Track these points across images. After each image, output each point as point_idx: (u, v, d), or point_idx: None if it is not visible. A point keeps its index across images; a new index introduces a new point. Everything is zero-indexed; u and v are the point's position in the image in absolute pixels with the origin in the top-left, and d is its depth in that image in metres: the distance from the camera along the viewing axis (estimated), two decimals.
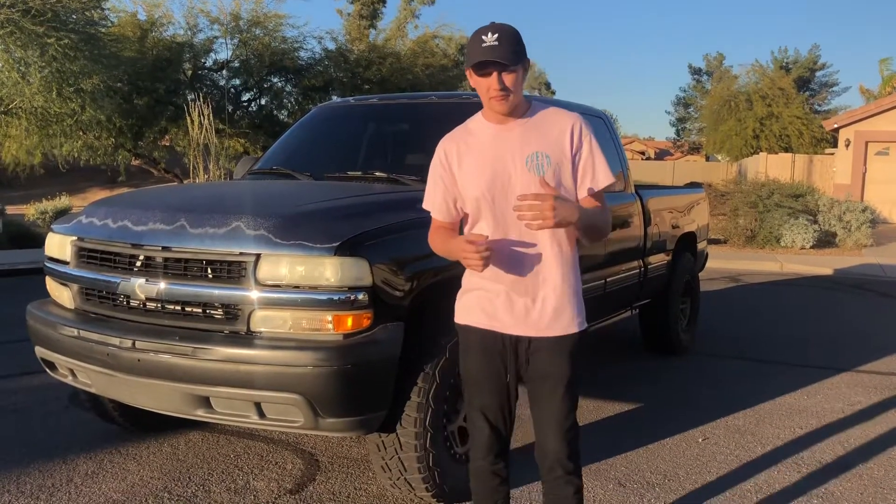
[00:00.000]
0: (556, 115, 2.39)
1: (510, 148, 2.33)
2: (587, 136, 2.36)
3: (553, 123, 2.36)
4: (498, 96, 2.27)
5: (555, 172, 2.30)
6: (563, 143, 2.33)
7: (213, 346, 2.91)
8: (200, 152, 11.38)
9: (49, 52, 12.30)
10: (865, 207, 15.27)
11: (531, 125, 2.35)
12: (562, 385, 2.39)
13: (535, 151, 2.31)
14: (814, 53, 35.16)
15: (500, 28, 2.25)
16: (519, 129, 2.35)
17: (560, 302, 2.36)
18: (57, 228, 3.58)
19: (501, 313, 2.38)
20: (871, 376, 5.69)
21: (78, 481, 3.55)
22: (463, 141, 2.42)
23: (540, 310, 2.36)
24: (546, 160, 2.30)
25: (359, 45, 21.42)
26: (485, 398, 2.47)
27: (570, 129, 2.34)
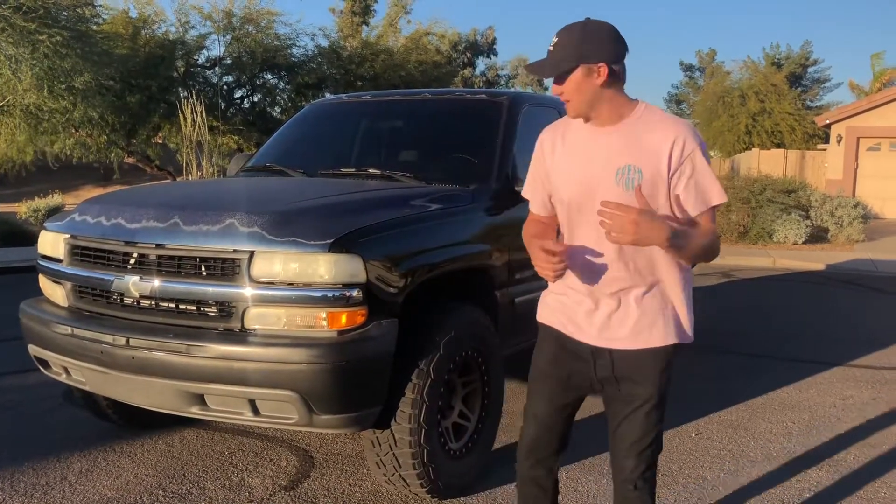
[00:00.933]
0: (660, 123, 2.13)
1: (603, 155, 2.15)
2: (691, 151, 2.10)
3: (652, 132, 2.12)
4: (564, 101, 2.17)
5: (646, 189, 2.08)
6: (661, 157, 2.09)
7: (207, 344, 2.91)
8: (193, 149, 11.35)
9: (41, 50, 12.25)
10: (857, 203, 15.32)
11: (629, 133, 2.14)
12: (644, 405, 2.23)
13: (627, 164, 2.11)
14: (805, 50, 35.26)
15: (562, 32, 2.12)
16: (616, 136, 2.15)
17: (649, 313, 2.20)
18: (50, 226, 3.57)
19: (582, 321, 2.26)
20: (863, 371, 5.73)
21: (72, 479, 3.55)
22: (560, 134, 2.28)
23: (622, 320, 2.21)
24: (638, 175, 2.09)
25: (351, 41, 21.40)
26: (539, 401, 2.39)
27: (671, 141, 2.09)
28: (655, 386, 2.23)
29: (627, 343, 2.21)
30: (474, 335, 3.42)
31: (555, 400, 2.36)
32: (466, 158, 4.23)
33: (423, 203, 3.56)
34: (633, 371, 2.23)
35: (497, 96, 4.54)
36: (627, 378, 2.24)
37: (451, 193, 3.77)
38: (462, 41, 35.63)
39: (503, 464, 3.73)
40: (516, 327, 3.95)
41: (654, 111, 2.18)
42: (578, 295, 2.27)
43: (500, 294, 3.81)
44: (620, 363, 2.24)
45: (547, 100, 4.84)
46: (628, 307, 2.20)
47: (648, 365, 2.22)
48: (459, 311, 3.40)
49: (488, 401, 3.58)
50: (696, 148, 2.10)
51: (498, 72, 40.76)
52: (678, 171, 2.09)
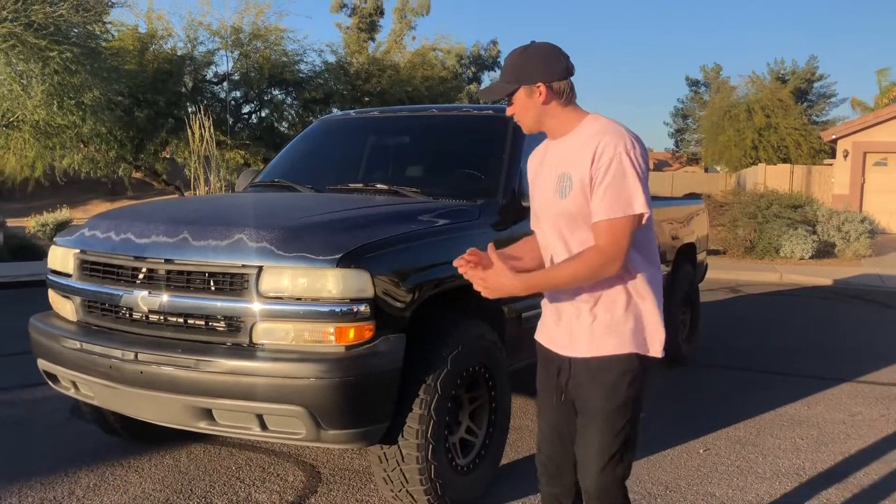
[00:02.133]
0: (593, 131, 2.16)
1: (551, 168, 2.26)
2: (611, 158, 2.08)
3: (584, 140, 2.17)
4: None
5: (575, 196, 2.15)
6: (585, 163, 2.12)
7: (215, 358, 2.92)
8: (201, 164, 11.41)
9: (51, 66, 12.35)
10: (864, 218, 15.29)
11: (569, 142, 2.23)
12: (598, 416, 2.21)
13: (563, 172, 2.20)
14: (811, 65, 35.34)
15: (507, 56, 2.26)
16: (561, 147, 2.25)
17: (603, 323, 2.20)
18: (60, 241, 3.60)
19: (551, 331, 2.35)
20: (872, 387, 5.70)
21: (80, 494, 3.55)
22: (537, 158, 2.41)
23: (577, 330, 2.24)
24: (569, 182, 2.17)
25: (358, 57, 21.51)
26: (544, 419, 2.44)
27: (594, 147, 2.11)
28: (606, 399, 2.20)
29: (584, 351, 2.23)
30: (481, 350, 3.42)
31: (556, 416, 2.38)
32: (473, 174, 4.25)
33: (430, 218, 3.57)
34: (587, 381, 2.24)
35: (503, 112, 4.56)
36: (583, 387, 2.25)
37: (458, 209, 3.79)
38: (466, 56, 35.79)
39: (511, 479, 3.72)
40: (523, 342, 3.94)
41: (597, 121, 2.21)
42: (548, 306, 2.37)
43: (507, 309, 3.81)
44: (578, 372, 2.26)
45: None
46: (583, 316, 2.24)
47: (602, 376, 2.21)
48: (466, 326, 3.40)
49: (495, 416, 3.57)
50: (619, 154, 2.08)
51: None
52: (598, 174, 2.11)
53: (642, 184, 2.10)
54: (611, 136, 2.12)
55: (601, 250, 2.11)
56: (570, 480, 2.39)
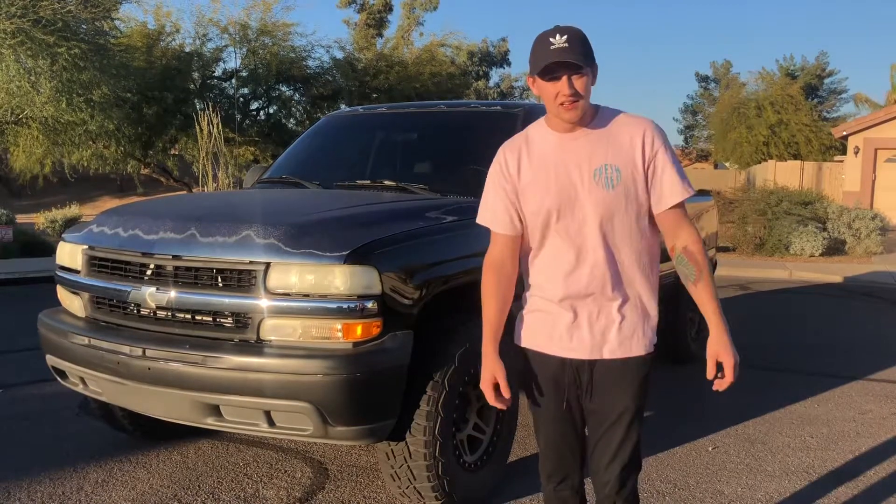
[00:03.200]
0: (626, 121, 2.17)
1: (576, 159, 2.14)
2: (660, 144, 2.14)
3: (622, 130, 2.15)
4: (568, 102, 2.06)
5: (626, 186, 2.11)
6: (634, 152, 2.12)
7: (223, 355, 2.92)
8: (210, 161, 11.43)
9: (59, 62, 12.40)
10: (875, 215, 15.20)
11: (599, 134, 2.15)
12: (625, 416, 2.21)
13: (603, 164, 2.11)
14: (821, 61, 35.12)
15: (567, 29, 2.06)
16: (585, 139, 2.15)
17: (630, 322, 2.18)
18: (68, 237, 3.60)
19: (563, 336, 2.20)
20: (883, 384, 5.66)
21: (88, 489, 3.56)
22: (525, 149, 2.24)
23: (603, 331, 2.18)
24: (616, 173, 2.10)
25: (366, 53, 21.51)
26: (547, 428, 2.34)
27: (641, 136, 2.13)
28: (634, 397, 2.20)
29: (613, 352, 2.18)
30: None
31: (563, 425, 2.30)
32: (481, 170, 4.21)
33: (438, 215, 3.56)
34: (614, 382, 2.19)
35: (512, 108, 4.55)
36: (607, 389, 2.20)
37: (466, 205, 3.76)
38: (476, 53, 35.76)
39: (518, 477, 3.71)
40: None
41: (615, 111, 2.21)
42: (556, 308, 2.21)
43: (516, 306, 3.79)
44: (602, 374, 2.20)
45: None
46: (610, 315, 2.17)
47: (630, 375, 2.19)
48: (474, 324, 3.37)
49: (503, 414, 3.56)
50: (664, 139, 2.16)
51: (512, 83, 40.83)
52: (652, 161, 2.12)
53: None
54: (647, 125, 2.16)
55: (696, 238, 2.17)
56: (577, 481, 2.38)
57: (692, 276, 2.13)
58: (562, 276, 2.17)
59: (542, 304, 2.24)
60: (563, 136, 2.17)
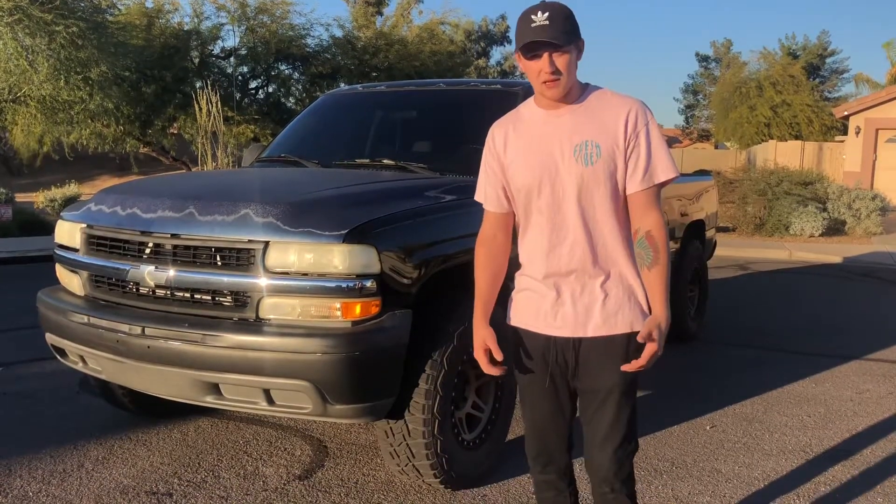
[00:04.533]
0: (612, 99, 2.15)
1: (559, 136, 2.13)
2: (645, 123, 2.11)
3: (606, 108, 2.13)
4: (549, 80, 2.06)
5: (605, 163, 2.08)
6: (617, 130, 2.09)
7: (222, 333, 2.92)
8: (209, 140, 11.39)
9: (57, 41, 12.31)
10: (875, 195, 15.19)
11: (583, 110, 2.13)
12: (613, 394, 2.17)
13: (584, 140, 2.10)
14: (823, 40, 34.90)
15: (550, 6, 2.05)
16: (569, 116, 2.14)
17: (614, 299, 2.15)
18: (66, 216, 3.59)
19: (548, 314, 2.19)
20: (880, 364, 5.68)
21: (89, 466, 3.58)
22: (512, 127, 2.25)
23: (587, 309, 2.15)
24: (596, 149, 2.08)
25: (366, 32, 21.36)
26: (530, 409, 2.32)
27: (625, 114, 2.10)
28: (622, 375, 2.15)
29: (598, 329, 2.15)
30: None
31: (549, 405, 2.28)
32: (481, 150, 4.21)
33: (437, 194, 3.55)
34: (599, 360, 2.16)
35: (512, 86, 4.52)
36: (593, 368, 2.18)
37: (465, 184, 3.75)
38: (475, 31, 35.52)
39: (517, 455, 3.73)
40: None
41: (605, 90, 2.19)
42: (541, 286, 2.20)
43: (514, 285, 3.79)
44: (587, 352, 2.17)
45: None
46: (594, 293, 2.15)
47: (615, 353, 2.15)
48: (473, 303, 3.38)
49: (502, 392, 3.58)
50: (650, 120, 2.12)
51: (513, 63, 40.59)
52: (633, 143, 2.09)
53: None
54: (633, 104, 2.13)
55: (659, 226, 2.11)
56: (563, 464, 2.36)
57: (648, 259, 2.09)
58: (544, 254, 2.17)
59: (528, 283, 2.25)
60: (549, 113, 2.17)
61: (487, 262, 2.30)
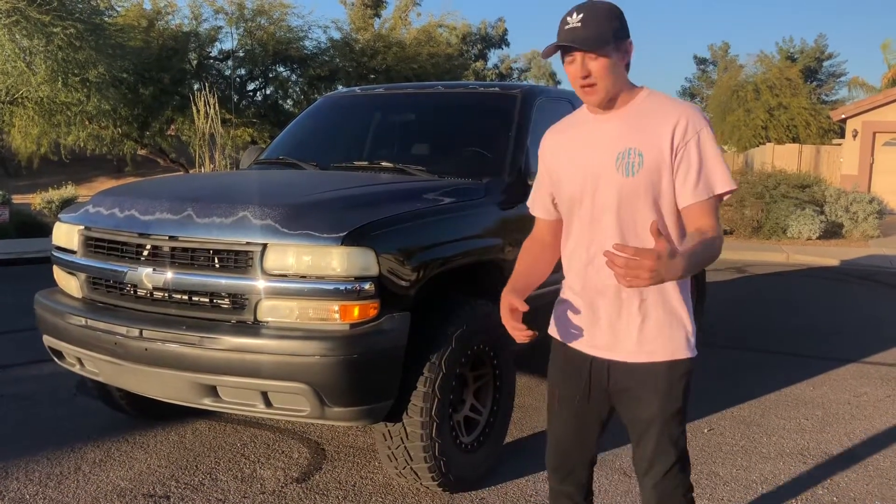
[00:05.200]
0: (663, 104, 1.98)
1: (604, 143, 1.99)
2: (696, 131, 1.92)
3: (655, 115, 1.96)
4: (583, 87, 1.94)
5: (649, 174, 1.93)
6: (663, 138, 1.92)
7: (220, 336, 2.92)
8: (206, 142, 11.38)
9: (54, 42, 12.30)
10: (872, 198, 15.19)
11: (630, 116, 1.98)
12: (654, 426, 2.03)
13: (627, 148, 1.94)
14: (820, 43, 35.00)
15: (588, 7, 1.92)
16: (617, 122, 1.99)
17: (654, 323, 2.00)
18: (64, 218, 3.59)
19: (585, 331, 2.08)
20: (878, 367, 5.68)
21: (86, 469, 3.57)
22: (563, 133, 2.14)
23: (622, 331, 2.02)
24: (638, 158, 1.93)
25: (364, 34, 21.37)
26: (556, 421, 2.22)
27: (674, 121, 1.92)
28: (662, 408, 2.01)
29: (632, 355, 2.02)
30: (486, 329, 3.41)
31: (577, 421, 2.18)
32: (479, 152, 4.22)
33: (435, 197, 3.55)
34: (636, 388, 2.04)
35: (510, 89, 4.53)
36: (630, 395, 2.06)
37: (464, 187, 3.76)
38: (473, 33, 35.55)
39: (515, 458, 3.73)
40: (528, 321, 3.93)
41: (658, 95, 2.04)
42: (579, 300, 2.10)
43: None
44: (623, 378, 2.05)
45: (560, 93, 4.81)
46: (631, 314, 2.01)
47: (653, 382, 2.02)
48: (471, 305, 3.39)
49: (500, 395, 3.58)
50: (703, 129, 1.94)
51: (511, 65, 40.64)
52: (681, 153, 1.92)
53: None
54: (688, 109, 1.96)
55: (717, 232, 1.92)
56: (584, 477, 2.27)
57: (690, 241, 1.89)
58: (582, 266, 2.06)
59: (568, 294, 2.15)
60: (597, 118, 2.04)
61: (531, 248, 2.26)
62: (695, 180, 1.92)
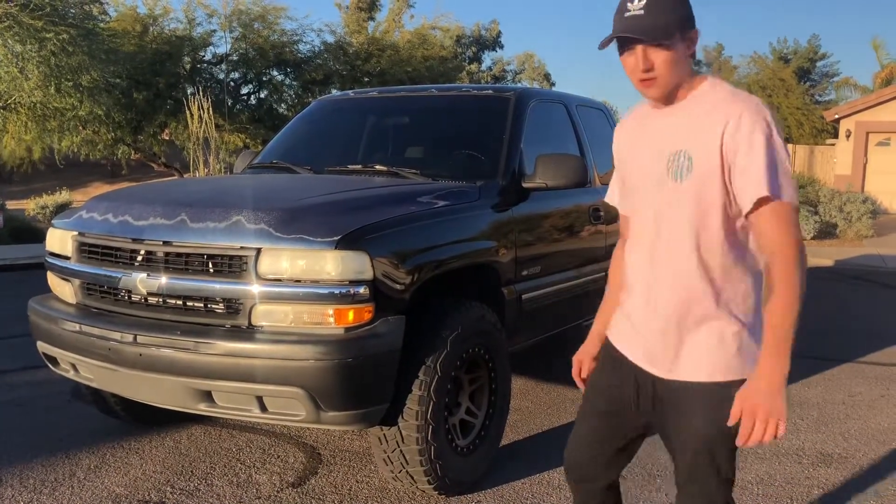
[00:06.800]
0: (725, 99, 1.77)
1: (659, 141, 1.83)
2: (749, 130, 1.70)
3: (710, 112, 1.76)
4: (643, 79, 1.77)
5: (697, 180, 1.75)
6: (713, 139, 1.73)
7: (214, 341, 2.91)
8: (200, 146, 11.37)
9: (47, 47, 12.27)
10: (866, 198, 15.25)
11: (690, 113, 1.80)
12: (694, 453, 1.85)
13: (679, 150, 1.78)
14: (813, 44, 35.09)
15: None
16: (674, 118, 1.82)
17: (704, 335, 1.82)
18: (58, 223, 3.58)
19: (630, 337, 1.95)
20: (872, 367, 5.70)
21: (81, 475, 3.56)
22: (630, 127, 1.98)
23: (674, 344, 1.84)
24: (688, 162, 1.75)
25: (358, 37, 21.37)
26: (584, 420, 2.09)
27: (725, 121, 1.72)
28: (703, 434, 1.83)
29: (668, 372, 1.86)
30: (481, 332, 3.41)
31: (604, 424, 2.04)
32: (473, 155, 4.23)
33: (429, 200, 3.55)
34: (684, 406, 1.85)
35: (504, 92, 4.53)
36: (674, 414, 1.87)
37: (458, 190, 3.76)
38: (467, 36, 35.59)
39: (511, 460, 3.72)
40: (523, 324, 3.94)
41: (721, 87, 1.83)
42: (630, 305, 1.95)
43: (507, 291, 3.80)
44: (667, 394, 1.87)
45: (555, 95, 4.82)
46: (681, 328, 1.83)
47: (697, 403, 1.82)
48: (466, 308, 3.39)
49: (496, 397, 3.58)
50: (757, 127, 1.70)
51: (504, 67, 40.68)
52: (737, 152, 1.71)
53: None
54: (742, 106, 1.74)
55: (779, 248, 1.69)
56: (597, 486, 2.12)
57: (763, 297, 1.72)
58: (632, 275, 1.94)
59: (624, 297, 2.01)
60: (656, 113, 1.88)
61: (617, 267, 2.08)
62: (744, 185, 1.72)
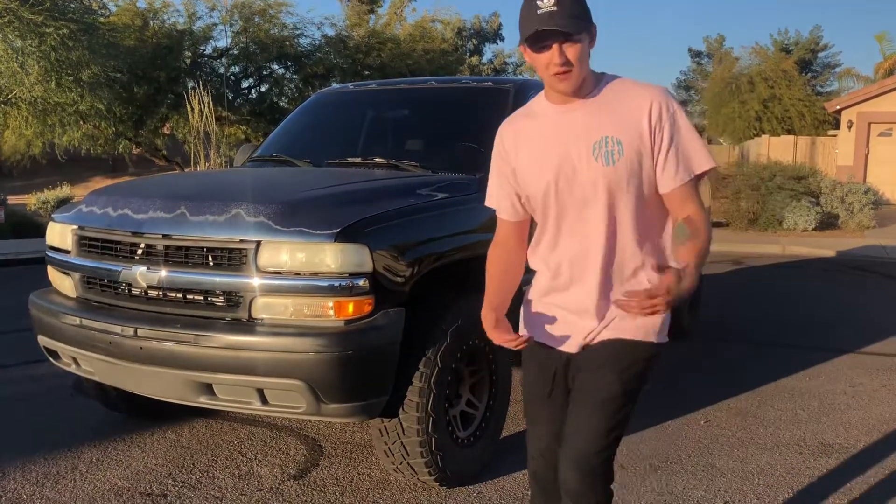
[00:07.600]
0: (631, 88, 1.93)
1: (574, 133, 1.92)
2: (671, 112, 1.89)
3: (626, 100, 1.91)
4: (559, 72, 1.84)
5: (629, 161, 1.88)
6: (640, 123, 1.87)
7: (215, 334, 2.92)
8: (201, 140, 11.36)
9: (47, 42, 12.27)
10: (868, 189, 15.21)
11: (599, 103, 1.92)
12: (605, 403, 1.98)
13: (603, 136, 1.88)
14: (815, 35, 34.98)
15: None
16: (584, 110, 1.92)
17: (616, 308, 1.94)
18: (58, 217, 3.58)
19: (558, 327, 2.05)
20: (873, 358, 5.70)
21: (83, 468, 3.57)
22: (521, 125, 2.05)
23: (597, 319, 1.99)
24: (617, 146, 1.87)
25: (358, 30, 21.34)
26: (538, 427, 2.17)
27: (648, 104, 1.88)
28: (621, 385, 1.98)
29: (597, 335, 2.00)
30: (481, 324, 3.40)
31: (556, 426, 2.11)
32: (473, 147, 4.21)
33: (429, 192, 3.55)
34: (598, 366, 2.00)
35: (503, 83, 4.52)
36: (591, 374, 2.01)
37: (458, 182, 3.76)
38: (467, 28, 35.52)
39: (511, 452, 3.73)
40: None
41: (622, 79, 1.98)
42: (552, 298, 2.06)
43: None
44: (585, 358, 2.02)
45: None
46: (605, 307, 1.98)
47: (619, 361, 1.99)
48: (466, 300, 3.38)
49: (496, 389, 3.58)
50: (677, 109, 1.91)
51: (505, 59, 40.58)
52: (659, 137, 1.88)
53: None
54: (656, 92, 1.91)
55: (703, 214, 1.89)
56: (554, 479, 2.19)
57: (685, 235, 1.83)
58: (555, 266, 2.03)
59: (539, 293, 2.11)
60: (561, 108, 1.96)
61: (499, 259, 2.17)
62: (675, 164, 1.90)
